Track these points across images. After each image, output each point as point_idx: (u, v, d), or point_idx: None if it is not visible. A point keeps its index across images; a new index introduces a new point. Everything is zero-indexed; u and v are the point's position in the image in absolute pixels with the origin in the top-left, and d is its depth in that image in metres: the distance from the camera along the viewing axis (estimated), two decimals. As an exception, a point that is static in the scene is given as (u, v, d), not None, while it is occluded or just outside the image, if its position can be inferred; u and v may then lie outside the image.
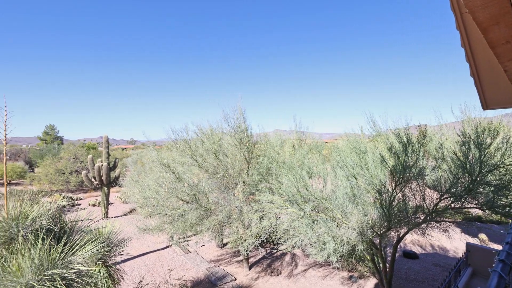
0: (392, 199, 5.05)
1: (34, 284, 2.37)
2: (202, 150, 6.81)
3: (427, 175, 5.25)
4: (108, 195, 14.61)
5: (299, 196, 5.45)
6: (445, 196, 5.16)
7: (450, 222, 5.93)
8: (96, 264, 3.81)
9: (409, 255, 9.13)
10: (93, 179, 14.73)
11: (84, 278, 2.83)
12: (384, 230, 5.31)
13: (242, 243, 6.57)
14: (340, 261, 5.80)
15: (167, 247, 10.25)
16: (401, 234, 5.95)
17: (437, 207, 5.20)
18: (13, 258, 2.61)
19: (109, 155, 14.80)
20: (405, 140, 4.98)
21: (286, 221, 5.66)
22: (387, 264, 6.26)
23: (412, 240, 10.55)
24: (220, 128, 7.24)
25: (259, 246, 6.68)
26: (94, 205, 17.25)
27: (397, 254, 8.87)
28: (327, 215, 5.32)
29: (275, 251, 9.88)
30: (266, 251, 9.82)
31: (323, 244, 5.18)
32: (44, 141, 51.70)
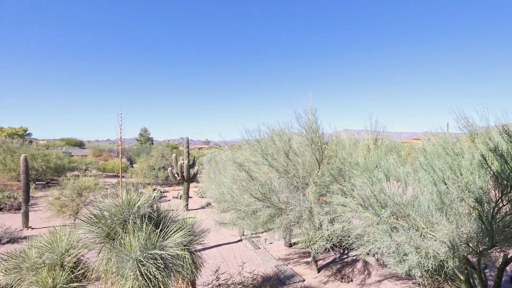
0: (496, 211, 4.21)
1: (142, 259, 2.92)
2: (273, 150, 7.01)
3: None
4: (188, 189, 16.47)
5: (374, 200, 5.08)
6: None
7: None
8: (182, 249, 4.39)
9: (521, 281, 7.40)
10: (176, 175, 16.84)
11: (176, 261, 3.32)
12: (485, 247, 4.47)
13: (312, 244, 6.50)
14: (425, 277, 5.14)
15: (239, 241, 10.92)
16: (510, 255, 4.89)
17: None
18: (126, 236, 3.26)
19: (189, 154, 16.65)
20: (515, 139, 4.08)
21: (359, 226, 5.35)
22: (488, 288, 5.24)
23: (526, 264, 8.49)
24: (290, 128, 7.31)
25: (330, 249, 6.49)
26: (176, 198, 19.67)
27: (503, 279, 7.30)
28: (408, 223, 4.80)
29: (345, 256, 9.41)
30: (336, 255, 9.44)
31: (404, 255, 4.69)
32: (140, 142, 61.81)
